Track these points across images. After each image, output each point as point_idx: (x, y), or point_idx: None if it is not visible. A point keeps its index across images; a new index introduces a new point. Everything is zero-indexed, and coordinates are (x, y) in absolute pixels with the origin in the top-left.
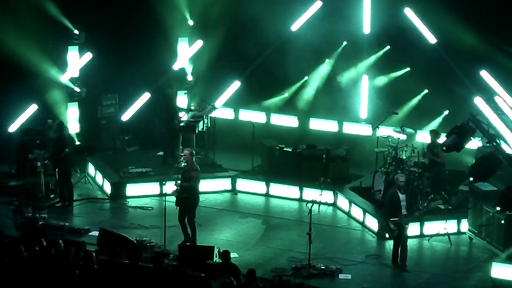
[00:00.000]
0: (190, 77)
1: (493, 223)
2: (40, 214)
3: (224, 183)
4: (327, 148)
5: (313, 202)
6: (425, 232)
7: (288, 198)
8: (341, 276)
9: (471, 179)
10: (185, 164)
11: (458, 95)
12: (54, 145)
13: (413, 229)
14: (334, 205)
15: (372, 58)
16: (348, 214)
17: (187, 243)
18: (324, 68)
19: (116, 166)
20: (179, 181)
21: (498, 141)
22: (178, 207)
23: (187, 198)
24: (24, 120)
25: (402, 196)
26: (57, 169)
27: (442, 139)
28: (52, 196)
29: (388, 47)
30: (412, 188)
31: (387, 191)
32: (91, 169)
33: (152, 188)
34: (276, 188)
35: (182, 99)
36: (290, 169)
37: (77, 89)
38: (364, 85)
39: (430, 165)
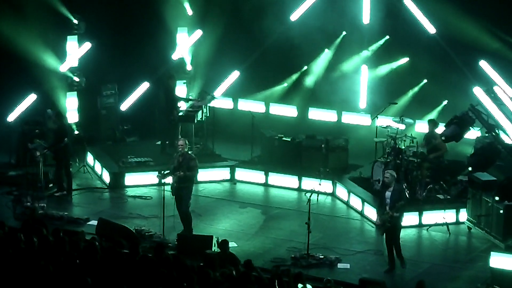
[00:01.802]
0: (189, 67)
1: (492, 213)
2: (39, 204)
3: (223, 173)
4: (326, 138)
5: (312, 192)
6: (424, 222)
7: (287, 188)
8: (340, 265)
9: (470, 169)
10: (180, 154)
11: (457, 85)
12: (53, 135)
13: (412, 219)
14: (333, 195)
15: (372, 48)
16: (347, 204)
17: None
18: (324, 58)
19: (115, 156)
20: (180, 172)
21: (497, 131)
22: (174, 197)
23: (186, 187)
24: (24, 110)
25: (387, 193)
26: (56, 159)
27: (440, 129)
28: (51, 186)
29: (387, 37)
30: (411, 178)
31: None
32: (90, 158)
33: (151, 177)
34: (275, 178)
35: (181, 89)
36: (289, 159)
37: (77, 79)
38: (363, 75)
39: (429, 152)
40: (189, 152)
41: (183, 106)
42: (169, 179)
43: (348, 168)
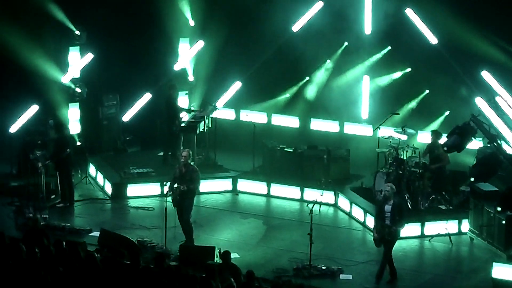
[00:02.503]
0: (191, 78)
1: (494, 224)
2: (41, 214)
3: (225, 184)
4: (328, 148)
5: (314, 202)
6: (426, 233)
7: (289, 199)
8: (342, 276)
9: (472, 179)
10: (182, 164)
11: (459, 96)
12: (55, 146)
13: (414, 229)
14: (335, 205)
15: (373, 59)
16: (349, 214)
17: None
18: (325, 69)
19: (117, 167)
20: (180, 185)
21: (499, 141)
22: (175, 208)
23: (188, 198)
24: (26, 121)
25: (387, 207)
26: (58, 170)
27: (443, 139)
28: (53, 196)
29: (389, 47)
30: (413, 189)
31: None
32: (92, 169)
33: (153, 188)
34: (277, 189)
35: (183, 100)
36: (291, 170)
37: (78, 90)
38: (365, 85)
39: (432, 162)
40: (192, 164)
41: (185, 116)
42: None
43: (350, 179)
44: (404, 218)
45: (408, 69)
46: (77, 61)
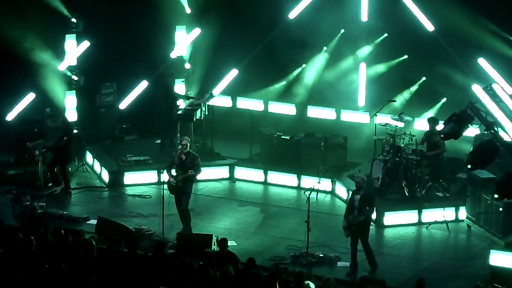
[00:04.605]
0: (188, 65)
1: (492, 211)
2: (38, 203)
3: (222, 171)
4: (325, 136)
5: (311, 190)
6: (424, 220)
7: (287, 186)
8: (339, 264)
9: (469, 166)
10: (180, 152)
11: (456, 83)
12: (58, 139)
13: (411, 217)
14: (332, 193)
15: (370, 46)
16: (346, 202)
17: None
18: (322, 56)
19: (115, 155)
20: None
21: (496, 128)
22: (173, 195)
23: (186, 186)
24: (22, 109)
25: (356, 197)
26: (54, 158)
27: (440, 126)
28: (50, 184)
29: (386, 34)
30: (410, 176)
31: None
32: (89, 157)
33: (150, 176)
34: (274, 176)
35: (180, 87)
36: (288, 157)
37: (75, 78)
38: (362, 73)
39: (429, 150)
40: (190, 151)
41: (182, 104)
42: (165, 177)
43: (347, 166)
44: (371, 209)
45: (405, 56)
46: (74, 49)
